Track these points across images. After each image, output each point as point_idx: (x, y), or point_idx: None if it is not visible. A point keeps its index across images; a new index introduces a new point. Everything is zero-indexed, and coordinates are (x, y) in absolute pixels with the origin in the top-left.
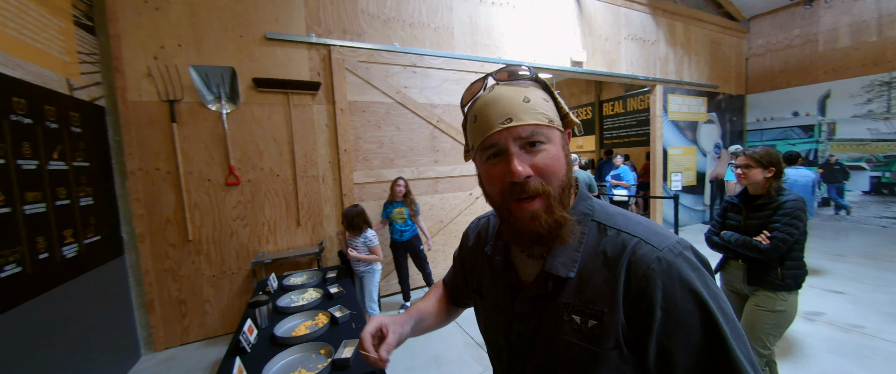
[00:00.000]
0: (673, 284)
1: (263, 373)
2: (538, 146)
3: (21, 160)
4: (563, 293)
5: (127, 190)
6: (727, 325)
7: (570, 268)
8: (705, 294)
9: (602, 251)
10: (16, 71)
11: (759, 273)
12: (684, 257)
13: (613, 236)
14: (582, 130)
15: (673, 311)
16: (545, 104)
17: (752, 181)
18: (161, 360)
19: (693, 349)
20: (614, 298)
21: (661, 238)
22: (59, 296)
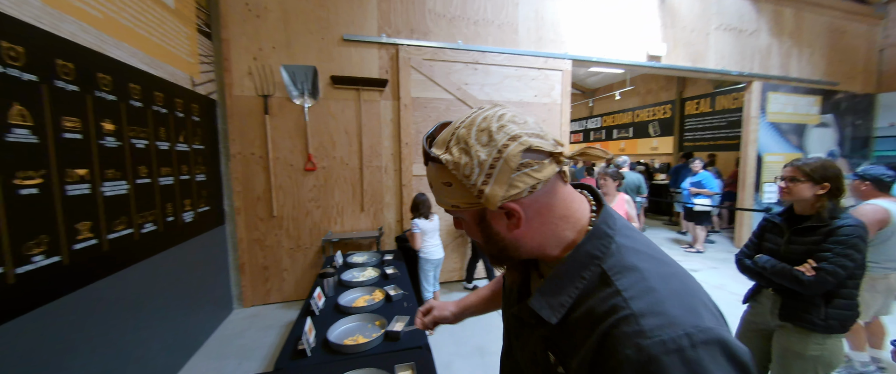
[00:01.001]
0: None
1: (328, 333)
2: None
3: (158, 142)
4: (543, 327)
5: (229, 170)
6: None
7: (555, 314)
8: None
9: (591, 305)
10: (157, 71)
11: (796, 309)
12: (683, 357)
13: (610, 295)
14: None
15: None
16: (447, 189)
17: (798, 198)
18: (248, 315)
19: None
20: (580, 355)
21: (665, 321)
22: (179, 253)
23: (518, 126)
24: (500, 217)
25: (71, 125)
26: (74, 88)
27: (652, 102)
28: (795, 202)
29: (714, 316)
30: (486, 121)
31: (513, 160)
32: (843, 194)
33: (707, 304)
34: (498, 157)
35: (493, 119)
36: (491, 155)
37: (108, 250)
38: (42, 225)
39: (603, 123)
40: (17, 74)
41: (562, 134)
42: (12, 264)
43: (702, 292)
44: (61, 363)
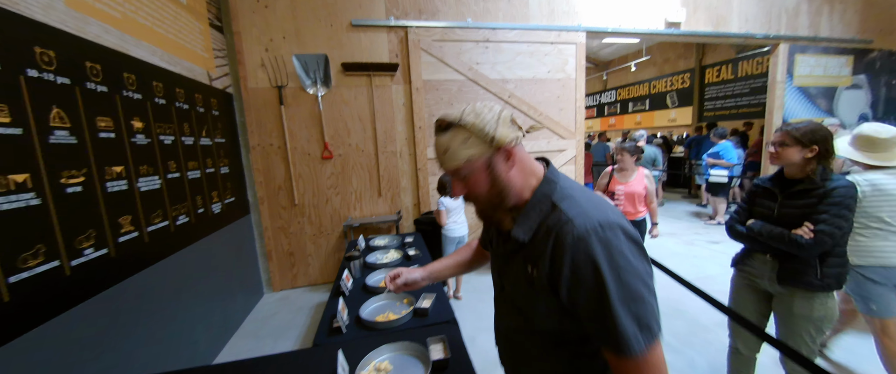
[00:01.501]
0: (578, 254)
1: (360, 311)
2: (465, 178)
3: (183, 137)
4: (523, 250)
5: (250, 162)
6: (616, 290)
7: (527, 234)
8: (603, 265)
9: (546, 223)
10: (176, 67)
11: (794, 271)
12: (596, 237)
13: (556, 213)
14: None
15: (576, 273)
16: (462, 147)
17: (787, 162)
18: (277, 298)
19: (588, 300)
20: (545, 256)
21: (585, 218)
22: (211, 242)
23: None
24: (501, 160)
25: (104, 125)
26: (104, 89)
27: (669, 71)
28: (785, 166)
29: (615, 213)
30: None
31: (506, 118)
32: (832, 156)
33: (613, 210)
34: (498, 117)
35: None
36: (494, 116)
37: (148, 241)
38: (89, 220)
39: (618, 96)
40: (52, 78)
41: (577, 110)
42: (67, 258)
43: (607, 203)
44: (121, 347)
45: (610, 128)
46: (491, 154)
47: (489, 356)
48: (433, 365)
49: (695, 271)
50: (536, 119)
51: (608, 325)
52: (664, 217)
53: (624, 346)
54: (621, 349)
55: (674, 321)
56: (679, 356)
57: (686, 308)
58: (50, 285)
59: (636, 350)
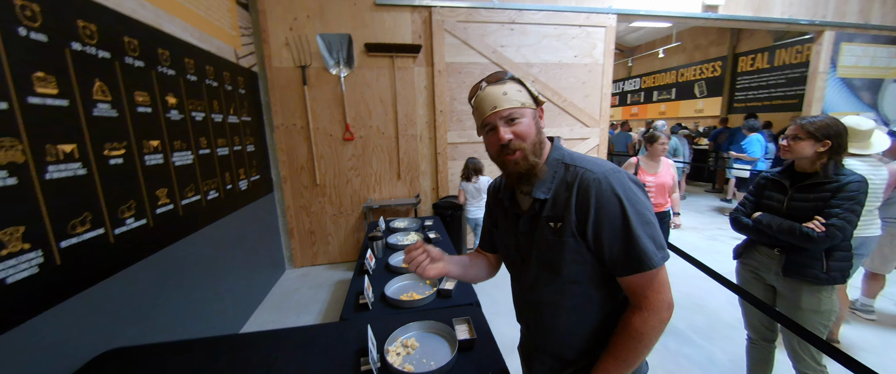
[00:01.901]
0: (602, 191)
1: (385, 289)
2: (516, 121)
3: (213, 114)
4: (544, 210)
5: (274, 141)
6: (635, 216)
7: (547, 193)
8: (623, 197)
9: (565, 179)
10: (206, 45)
11: (800, 264)
12: (613, 177)
13: (572, 170)
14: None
15: (601, 209)
16: (518, 93)
17: (799, 155)
18: (299, 275)
19: (613, 230)
20: (569, 206)
21: (600, 167)
22: (238, 218)
23: None
24: (537, 114)
25: (141, 100)
26: (141, 64)
27: (700, 59)
28: (796, 160)
29: (614, 164)
30: None
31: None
32: (844, 152)
33: (609, 162)
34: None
35: None
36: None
37: (182, 214)
38: (130, 192)
39: (642, 84)
40: (94, 52)
41: (602, 97)
42: (111, 226)
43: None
44: (157, 313)
45: (632, 117)
46: (535, 108)
47: (506, 341)
48: (459, 345)
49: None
50: (560, 106)
51: (632, 245)
52: (686, 211)
53: (646, 260)
54: (644, 264)
55: (694, 316)
56: (699, 351)
57: (706, 304)
58: (96, 252)
59: (656, 263)
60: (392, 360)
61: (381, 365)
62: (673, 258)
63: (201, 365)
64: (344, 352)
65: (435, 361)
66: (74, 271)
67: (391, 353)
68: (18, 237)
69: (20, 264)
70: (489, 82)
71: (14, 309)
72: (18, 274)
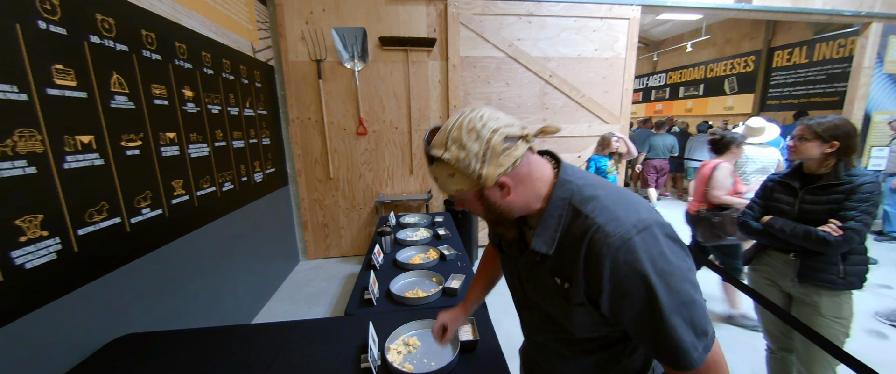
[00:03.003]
0: (618, 264)
1: (391, 285)
2: (459, 201)
3: (229, 107)
4: (548, 260)
5: (290, 134)
6: (666, 298)
7: (549, 246)
8: (650, 274)
9: (573, 233)
10: (223, 38)
11: (815, 269)
12: (637, 244)
13: (582, 220)
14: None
15: (618, 285)
16: (450, 180)
17: (805, 156)
18: (312, 266)
19: (637, 315)
20: (578, 270)
21: (618, 224)
22: (253, 209)
23: (495, 121)
24: (494, 190)
25: (158, 92)
26: (158, 57)
27: (731, 53)
28: (804, 161)
29: (648, 210)
30: (471, 122)
31: (497, 147)
32: (854, 152)
33: (642, 204)
34: (487, 147)
35: (477, 119)
36: (481, 147)
37: (197, 205)
38: (146, 182)
39: (668, 79)
40: (112, 45)
41: (624, 93)
42: (127, 215)
43: (637, 198)
44: (172, 301)
45: (656, 114)
46: (477, 190)
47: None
48: (462, 346)
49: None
50: (579, 101)
51: (663, 339)
52: None
53: (684, 358)
54: (682, 363)
55: (715, 326)
56: None
57: None
58: (113, 240)
59: (696, 362)
60: (392, 358)
61: (382, 363)
62: None
63: (211, 353)
64: (346, 347)
65: (436, 361)
66: (91, 258)
67: (392, 351)
68: (37, 225)
69: (39, 251)
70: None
71: (32, 294)
72: (37, 260)
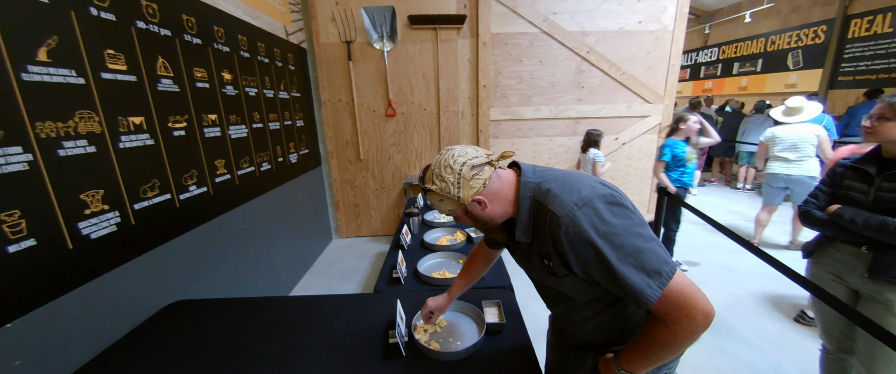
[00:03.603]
0: (570, 237)
1: (418, 265)
2: (455, 218)
3: (265, 90)
4: (533, 247)
5: (322, 116)
6: (612, 253)
7: (527, 236)
8: (593, 237)
9: (541, 221)
10: (257, 21)
11: (890, 266)
12: (579, 216)
13: (544, 210)
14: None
15: (578, 254)
16: (440, 204)
17: (886, 139)
18: (344, 245)
19: (598, 271)
20: (551, 249)
21: (563, 206)
22: (289, 189)
23: (463, 156)
24: (474, 206)
25: (200, 75)
26: (198, 41)
27: (798, 23)
28: (884, 144)
29: (589, 187)
30: (446, 160)
31: (466, 175)
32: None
33: (584, 183)
34: (458, 177)
35: (450, 158)
36: (455, 177)
37: (238, 184)
38: (192, 161)
39: (721, 54)
40: (157, 30)
41: (670, 69)
42: (176, 192)
43: (580, 178)
44: (216, 270)
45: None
46: (463, 206)
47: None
48: (487, 328)
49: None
50: (618, 79)
51: (622, 285)
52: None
53: (641, 296)
54: (640, 300)
55: (765, 321)
56: (763, 358)
57: (782, 309)
58: (164, 214)
59: (651, 298)
60: (419, 336)
61: (408, 340)
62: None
63: (253, 321)
64: (375, 323)
65: (461, 342)
66: (146, 230)
67: (419, 329)
68: (99, 199)
69: (101, 223)
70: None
71: (97, 261)
72: (100, 231)
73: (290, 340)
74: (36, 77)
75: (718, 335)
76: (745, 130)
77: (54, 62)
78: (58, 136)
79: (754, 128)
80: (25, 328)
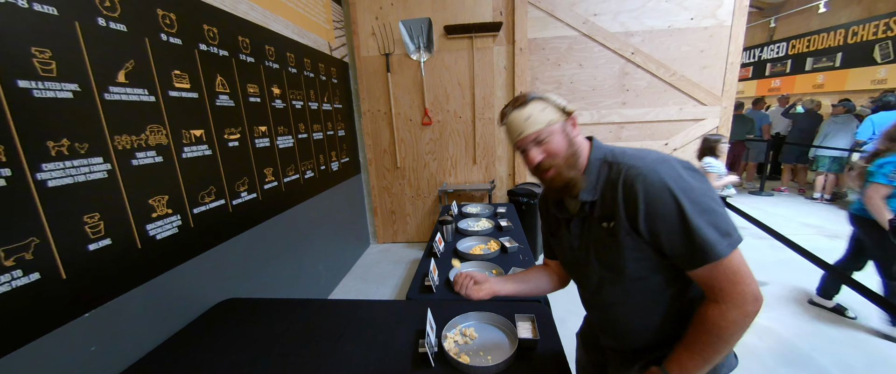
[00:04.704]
0: (647, 185)
1: (451, 274)
2: (544, 140)
3: (310, 102)
4: (594, 211)
5: (361, 126)
6: (689, 205)
7: (594, 194)
8: (673, 187)
9: (610, 179)
10: (304, 39)
11: None
12: (661, 168)
13: (616, 167)
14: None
15: (651, 203)
16: (542, 114)
17: None
18: (381, 250)
19: (668, 224)
20: (617, 204)
21: (645, 160)
22: (330, 195)
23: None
24: (570, 125)
25: (252, 91)
26: (251, 60)
27: (885, 11)
28: None
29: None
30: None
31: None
32: None
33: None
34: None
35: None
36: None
37: (284, 191)
38: (244, 170)
39: (790, 49)
40: (216, 51)
41: (728, 67)
42: (230, 198)
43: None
44: (263, 270)
45: (771, 92)
46: (564, 120)
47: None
48: (519, 343)
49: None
50: (667, 80)
51: (692, 237)
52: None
53: (710, 251)
54: (708, 255)
55: (847, 349)
56: None
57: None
58: (219, 218)
59: (722, 253)
60: (448, 347)
61: (438, 350)
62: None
63: (293, 321)
64: (406, 331)
65: (492, 356)
66: (203, 233)
67: (449, 339)
68: (164, 204)
69: (165, 225)
70: (514, 107)
71: (161, 260)
72: (165, 233)
73: (325, 344)
74: (115, 97)
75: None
76: (827, 133)
77: (131, 83)
78: (132, 147)
79: (838, 130)
80: (100, 318)
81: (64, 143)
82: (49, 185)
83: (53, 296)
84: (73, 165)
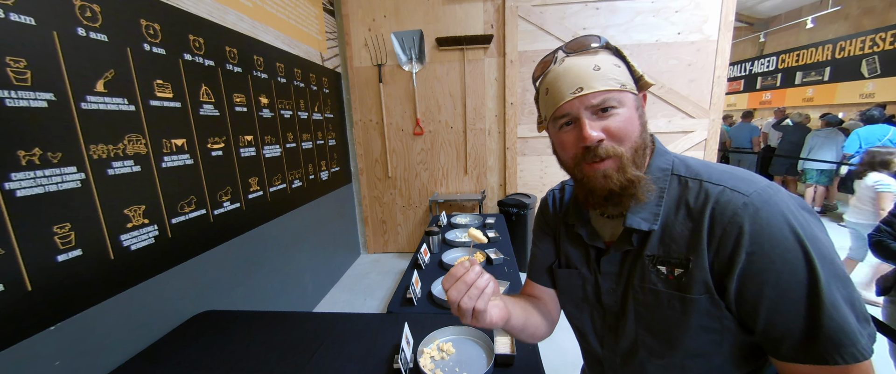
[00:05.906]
0: (760, 227)
1: (432, 287)
2: (610, 111)
3: (300, 112)
4: (648, 247)
5: (353, 136)
6: (825, 270)
7: (653, 222)
8: (804, 238)
9: (683, 201)
10: (295, 50)
11: None
12: (776, 201)
13: (695, 187)
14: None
15: (759, 253)
16: (616, 70)
17: None
18: (371, 260)
19: (784, 293)
20: (699, 245)
21: (749, 184)
22: (319, 205)
23: None
24: (640, 100)
25: (238, 100)
26: (238, 70)
27: (872, 27)
28: None
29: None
30: None
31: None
32: None
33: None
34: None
35: None
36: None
37: (270, 200)
38: (227, 179)
39: (780, 63)
40: (201, 61)
41: (714, 81)
42: (211, 208)
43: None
44: (246, 281)
45: (763, 105)
46: (636, 93)
47: (569, 357)
48: (496, 359)
49: None
50: (656, 93)
51: (823, 319)
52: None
53: (850, 345)
54: (848, 351)
55: None
56: None
57: None
58: (199, 228)
59: (866, 349)
60: (424, 363)
61: (413, 366)
62: None
63: (272, 334)
64: (383, 345)
65: (467, 372)
66: (181, 243)
67: (425, 355)
68: (140, 214)
69: (141, 236)
70: (570, 51)
71: (135, 271)
72: (140, 243)
73: (301, 358)
74: (93, 106)
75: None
76: (812, 146)
77: (110, 92)
78: (108, 157)
79: (824, 144)
80: (66, 331)
81: (35, 152)
82: (17, 194)
83: (16, 309)
84: (44, 174)
